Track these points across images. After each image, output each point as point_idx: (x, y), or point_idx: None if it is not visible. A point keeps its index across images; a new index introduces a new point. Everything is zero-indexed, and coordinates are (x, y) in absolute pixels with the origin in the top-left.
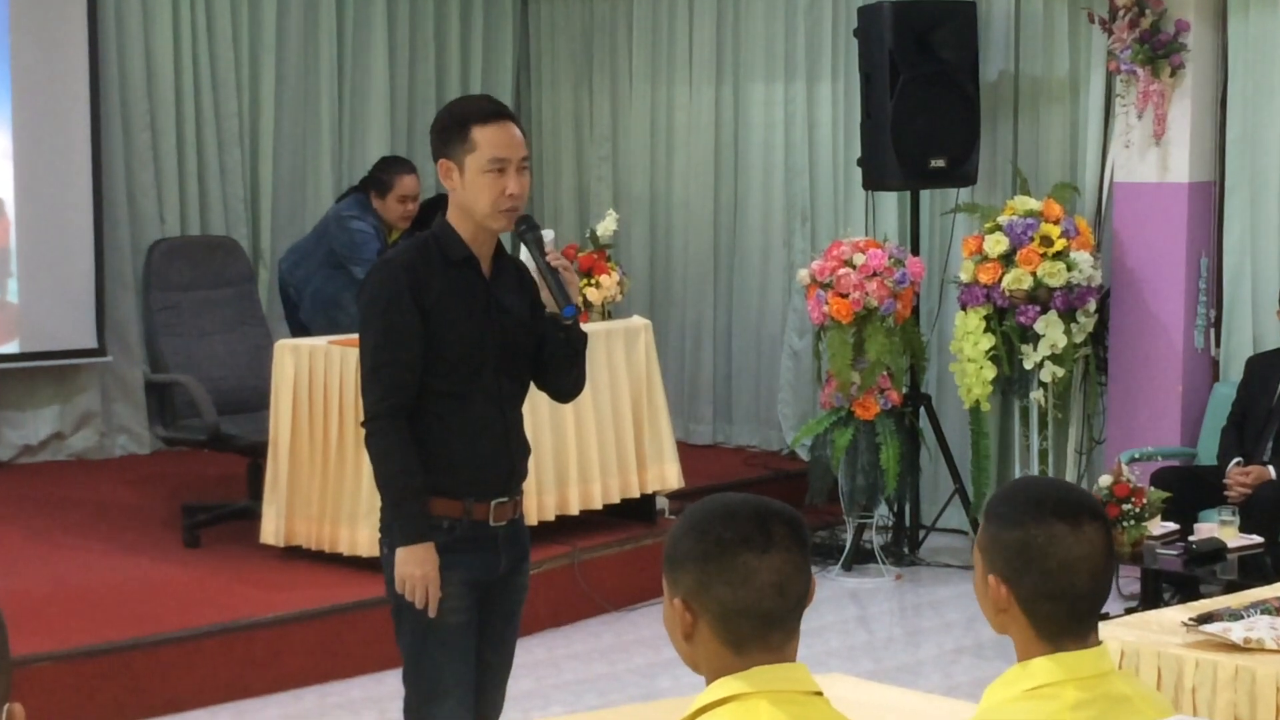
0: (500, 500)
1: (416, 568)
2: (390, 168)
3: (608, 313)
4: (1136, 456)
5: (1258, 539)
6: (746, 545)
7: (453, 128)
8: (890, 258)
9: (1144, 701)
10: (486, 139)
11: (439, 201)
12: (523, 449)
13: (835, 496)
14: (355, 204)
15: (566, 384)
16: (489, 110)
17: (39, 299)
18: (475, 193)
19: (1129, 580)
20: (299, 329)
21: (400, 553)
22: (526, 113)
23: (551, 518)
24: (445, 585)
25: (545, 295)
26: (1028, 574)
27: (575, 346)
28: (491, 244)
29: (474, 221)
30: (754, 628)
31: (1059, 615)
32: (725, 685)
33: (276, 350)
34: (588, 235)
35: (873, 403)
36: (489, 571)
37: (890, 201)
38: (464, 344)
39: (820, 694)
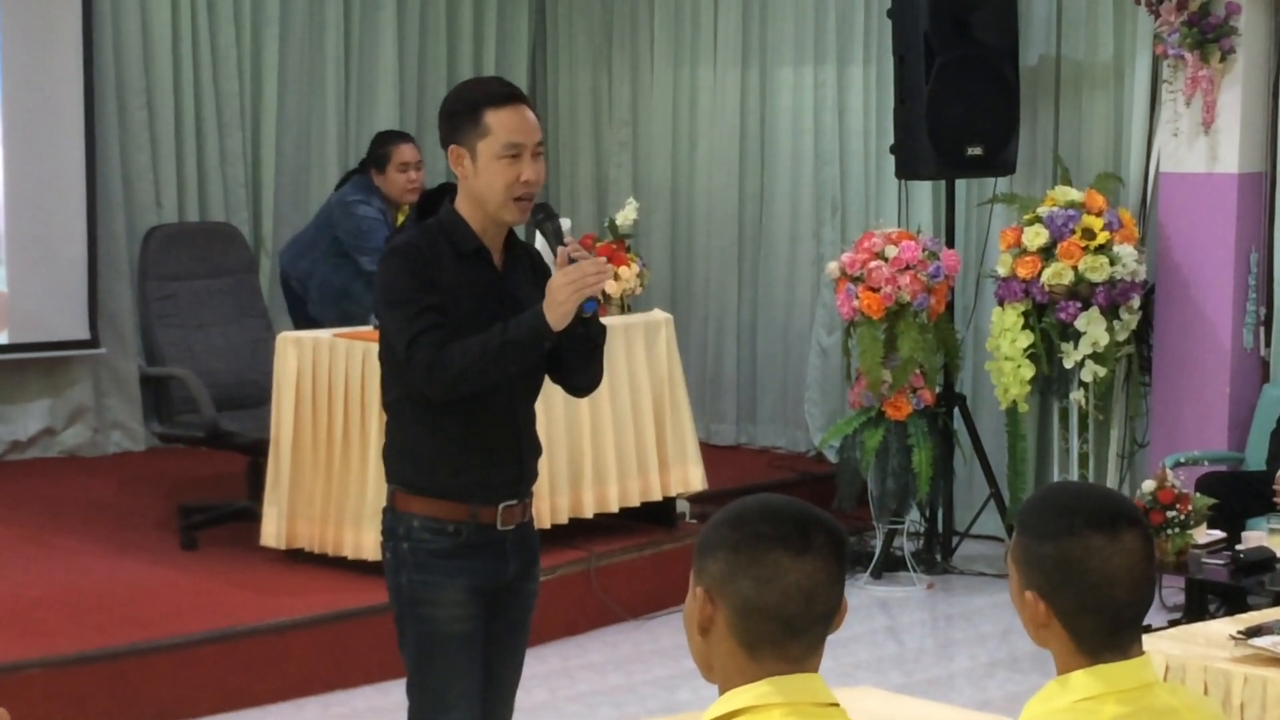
0: (509, 503)
1: (565, 284)
2: (385, 140)
3: (626, 306)
4: (1181, 461)
5: None
6: (781, 544)
7: (463, 112)
8: (924, 250)
9: (1191, 713)
10: (500, 123)
11: (445, 190)
12: (534, 449)
13: (864, 501)
14: (358, 187)
15: (584, 379)
16: (502, 93)
17: (29, 287)
18: (488, 180)
19: (1173, 591)
20: (306, 324)
21: (548, 319)
22: (542, 96)
23: (566, 521)
24: (450, 592)
25: None
26: (1066, 589)
27: (594, 340)
28: (503, 234)
29: (485, 212)
30: (772, 631)
31: (1101, 628)
32: (737, 696)
33: (279, 343)
34: (606, 224)
35: (904, 402)
36: (496, 578)
37: (924, 191)
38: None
39: (836, 705)
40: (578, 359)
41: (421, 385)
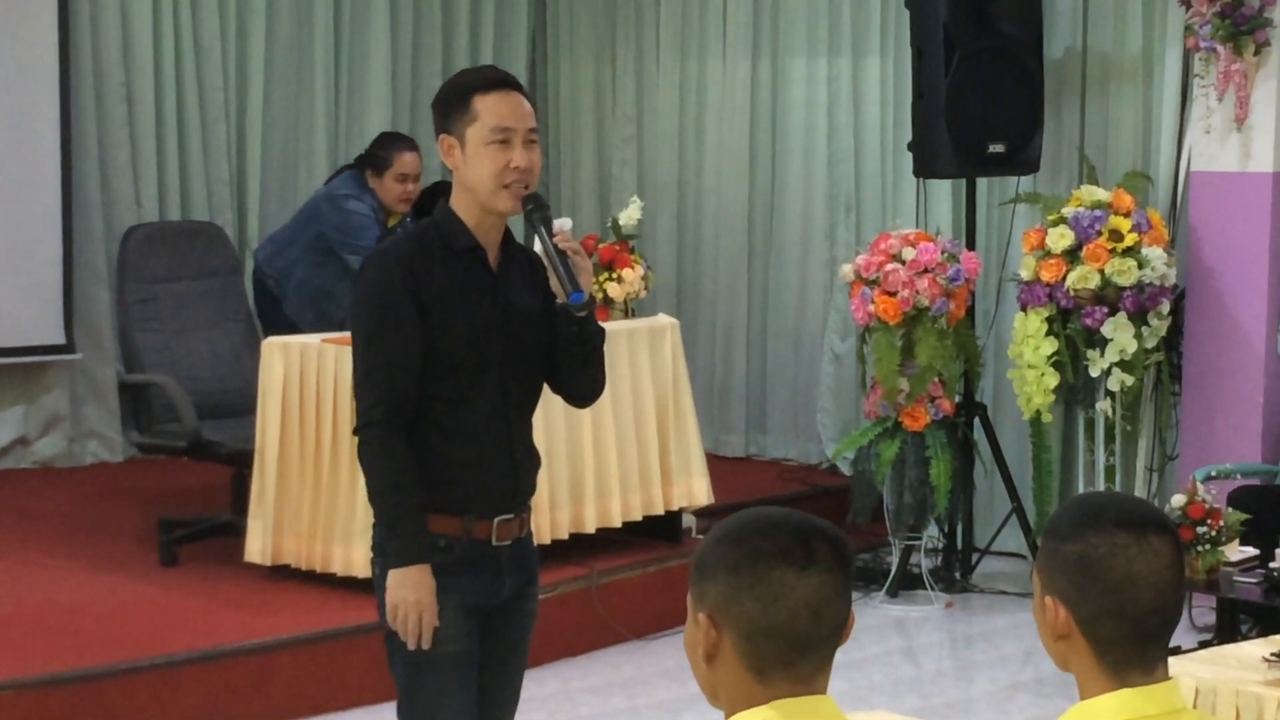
0: (505, 517)
1: (410, 592)
2: (388, 143)
3: (631, 310)
4: (1213, 474)
5: None
6: (784, 559)
7: (453, 98)
8: (943, 252)
9: None
10: (489, 107)
11: (440, 189)
12: (531, 460)
13: (880, 515)
14: (352, 182)
15: (581, 386)
16: (493, 78)
17: (1, 290)
18: (477, 166)
19: (1203, 611)
20: (282, 327)
21: (392, 575)
22: (543, 89)
23: (566, 536)
24: (442, 611)
25: (553, 282)
26: (1090, 590)
27: (591, 342)
28: (499, 232)
29: (478, 204)
30: (781, 652)
31: (1124, 638)
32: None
33: (264, 349)
34: (609, 224)
35: (922, 412)
36: (491, 595)
37: (943, 190)
38: (466, 343)
39: None
40: (574, 363)
41: (358, 417)
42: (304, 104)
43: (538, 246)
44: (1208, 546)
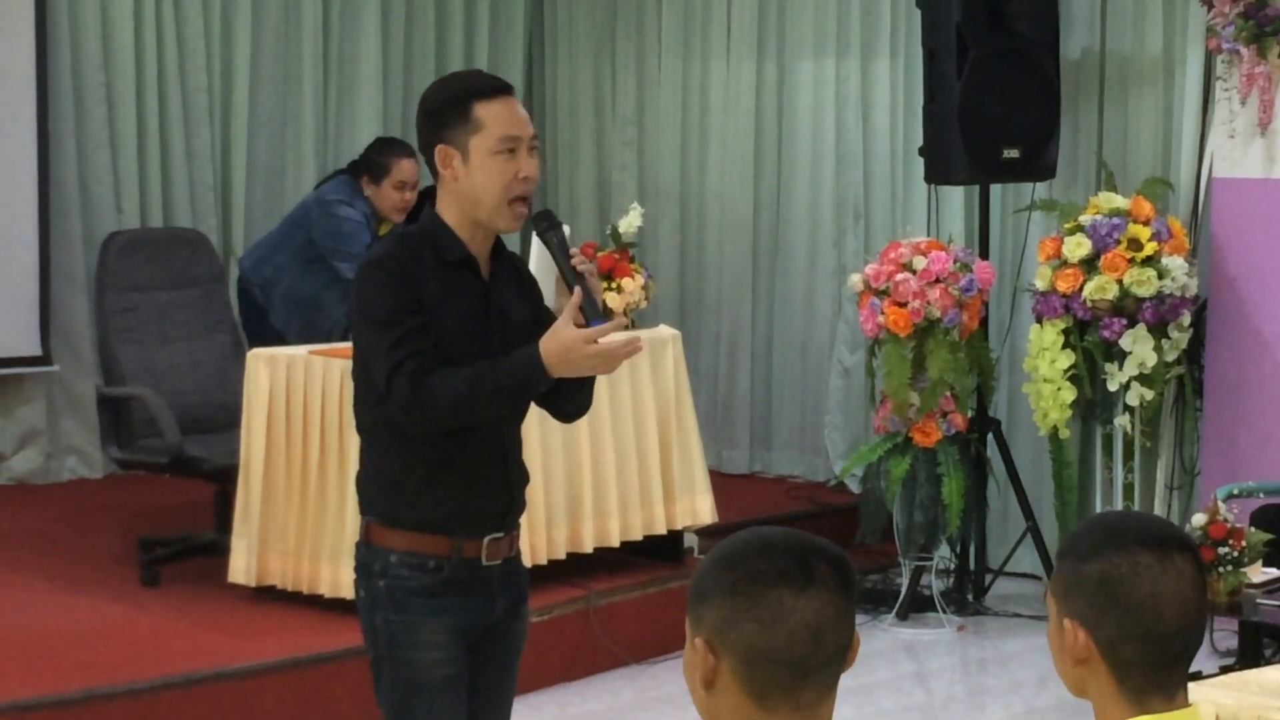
0: (495, 536)
1: (591, 356)
2: (386, 150)
3: (631, 321)
4: (1235, 493)
5: None
6: (783, 580)
7: (450, 107)
8: (955, 262)
9: None
10: (493, 116)
11: (431, 194)
12: (521, 477)
13: (890, 535)
14: (344, 187)
15: (575, 403)
16: (490, 85)
17: None
18: (484, 178)
19: (1225, 634)
20: (267, 337)
21: (549, 369)
22: (540, 91)
23: (563, 556)
24: (430, 634)
25: (559, 301)
26: (1110, 612)
27: None
28: (490, 242)
29: (476, 216)
30: (781, 677)
31: (1146, 661)
32: None
33: (249, 360)
34: (609, 231)
35: (934, 428)
36: (483, 617)
37: (956, 197)
38: (461, 356)
39: None
40: (572, 385)
41: (400, 422)
42: (291, 106)
43: (534, 259)
44: (1230, 568)
